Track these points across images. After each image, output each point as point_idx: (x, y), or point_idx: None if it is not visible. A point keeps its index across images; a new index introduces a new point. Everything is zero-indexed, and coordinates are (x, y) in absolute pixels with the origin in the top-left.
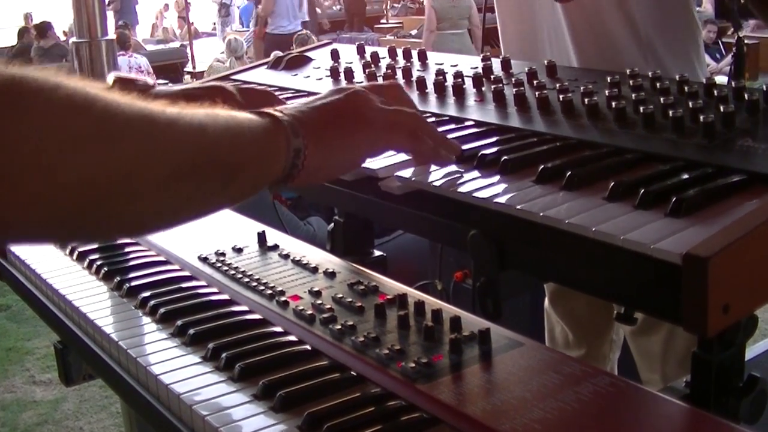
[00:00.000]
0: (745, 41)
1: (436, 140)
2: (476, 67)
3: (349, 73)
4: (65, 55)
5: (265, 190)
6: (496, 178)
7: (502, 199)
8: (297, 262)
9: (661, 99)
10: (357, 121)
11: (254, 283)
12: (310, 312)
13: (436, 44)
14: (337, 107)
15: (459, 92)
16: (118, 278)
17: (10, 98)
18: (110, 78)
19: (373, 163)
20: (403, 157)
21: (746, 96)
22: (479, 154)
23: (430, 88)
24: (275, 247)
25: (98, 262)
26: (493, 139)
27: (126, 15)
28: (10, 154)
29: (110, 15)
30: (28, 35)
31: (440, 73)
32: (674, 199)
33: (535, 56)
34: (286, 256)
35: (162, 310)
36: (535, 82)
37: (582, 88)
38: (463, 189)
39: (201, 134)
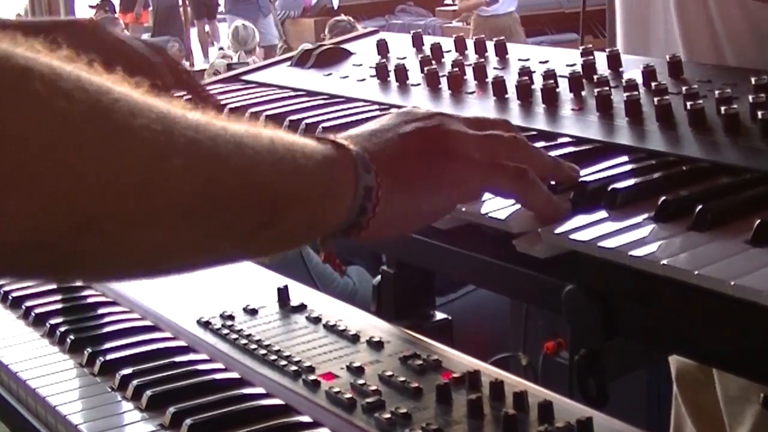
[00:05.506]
0: None
1: (547, 169)
2: (574, 65)
3: (401, 73)
4: None
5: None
6: (602, 214)
7: (609, 243)
8: (331, 328)
9: None
10: (445, 156)
11: (273, 357)
12: (348, 395)
13: None
14: (416, 137)
15: (551, 98)
16: (90, 350)
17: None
18: None
19: None
20: None
21: None
22: (578, 181)
23: (512, 92)
24: (302, 308)
25: (62, 328)
26: (598, 161)
27: None
28: None
29: None
30: None
31: (525, 72)
32: None
33: (647, 52)
34: (316, 320)
35: (149, 392)
36: (653, 84)
37: (717, 92)
38: (556, 229)
39: (237, 150)
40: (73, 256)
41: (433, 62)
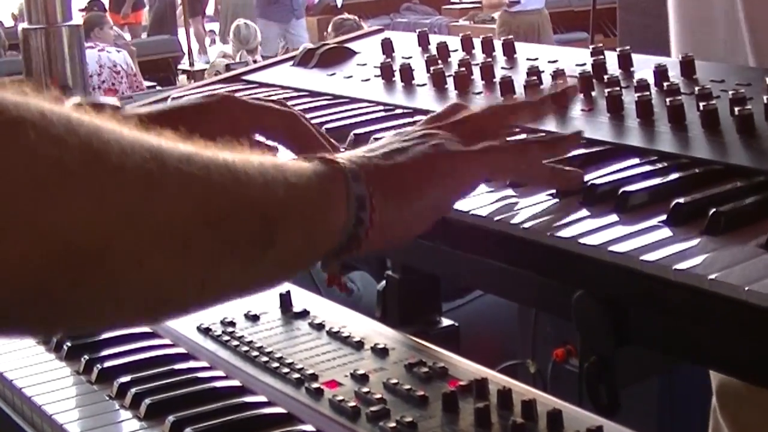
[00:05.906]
0: None
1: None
2: (583, 64)
3: (407, 72)
4: (4, 46)
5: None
6: (612, 217)
7: (620, 247)
8: (334, 335)
9: None
10: (442, 171)
11: (275, 364)
12: (352, 404)
13: None
14: (413, 155)
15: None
16: (87, 357)
17: None
18: (69, 104)
19: None
20: None
21: None
22: (588, 184)
23: (520, 92)
24: (304, 314)
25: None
26: (608, 164)
27: None
28: None
29: None
30: None
31: (533, 72)
32: None
33: (706, 54)
34: (319, 327)
35: (147, 400)
36: (665, 84)
37: (730, 92)
38: (564, 232)
39: (229, 175)
40: (71, 303)
41: (440, 62)
